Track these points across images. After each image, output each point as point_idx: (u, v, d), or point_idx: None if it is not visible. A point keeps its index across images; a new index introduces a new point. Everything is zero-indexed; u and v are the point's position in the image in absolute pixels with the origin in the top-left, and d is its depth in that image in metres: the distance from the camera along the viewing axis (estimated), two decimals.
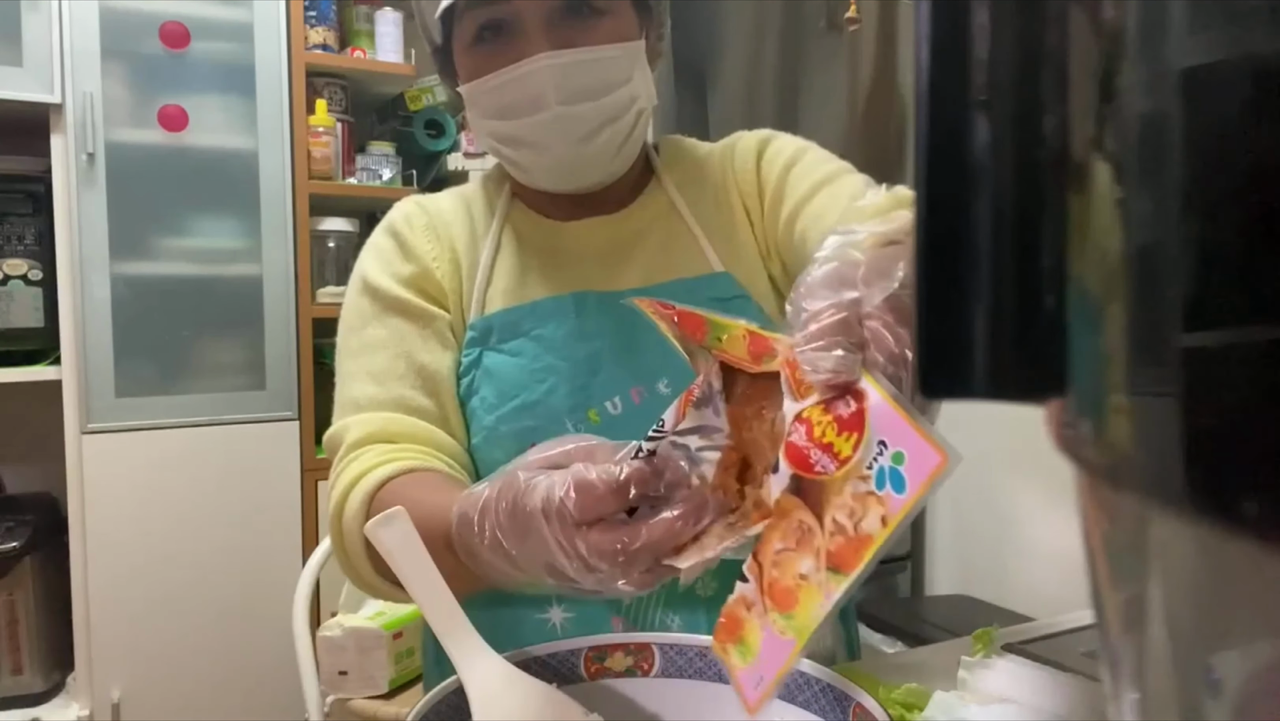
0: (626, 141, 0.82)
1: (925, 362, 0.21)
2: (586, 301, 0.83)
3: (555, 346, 0.81)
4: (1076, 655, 0.87)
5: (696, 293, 0.83)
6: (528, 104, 0.77)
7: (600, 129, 0.79)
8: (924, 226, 0.20)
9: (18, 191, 1.91)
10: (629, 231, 0.87)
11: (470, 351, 0.82)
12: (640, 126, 0.83)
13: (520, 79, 0.76)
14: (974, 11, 0.20)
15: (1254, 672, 0.17)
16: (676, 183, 0.90)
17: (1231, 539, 0.16)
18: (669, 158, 0.92)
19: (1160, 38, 0.17)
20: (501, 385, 0.80)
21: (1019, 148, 0.20)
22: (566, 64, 0.76)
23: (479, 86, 0.79)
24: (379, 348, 0.82)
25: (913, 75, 0.20)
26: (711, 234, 0.87)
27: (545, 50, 0.75)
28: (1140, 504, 0.18)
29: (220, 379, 2.05)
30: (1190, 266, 0.16)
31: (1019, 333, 0.20)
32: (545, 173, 0.82)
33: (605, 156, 0.81)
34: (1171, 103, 0.16)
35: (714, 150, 0.92)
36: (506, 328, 0.82)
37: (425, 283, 0.84)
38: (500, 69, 0.77)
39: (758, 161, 0.88)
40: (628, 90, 0.79)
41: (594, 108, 0.77)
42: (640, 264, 0.85)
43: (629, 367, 0.80)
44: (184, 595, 1.99)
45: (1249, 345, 0.16)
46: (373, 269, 0.85)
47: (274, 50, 2.07)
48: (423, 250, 0.85)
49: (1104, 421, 0.19)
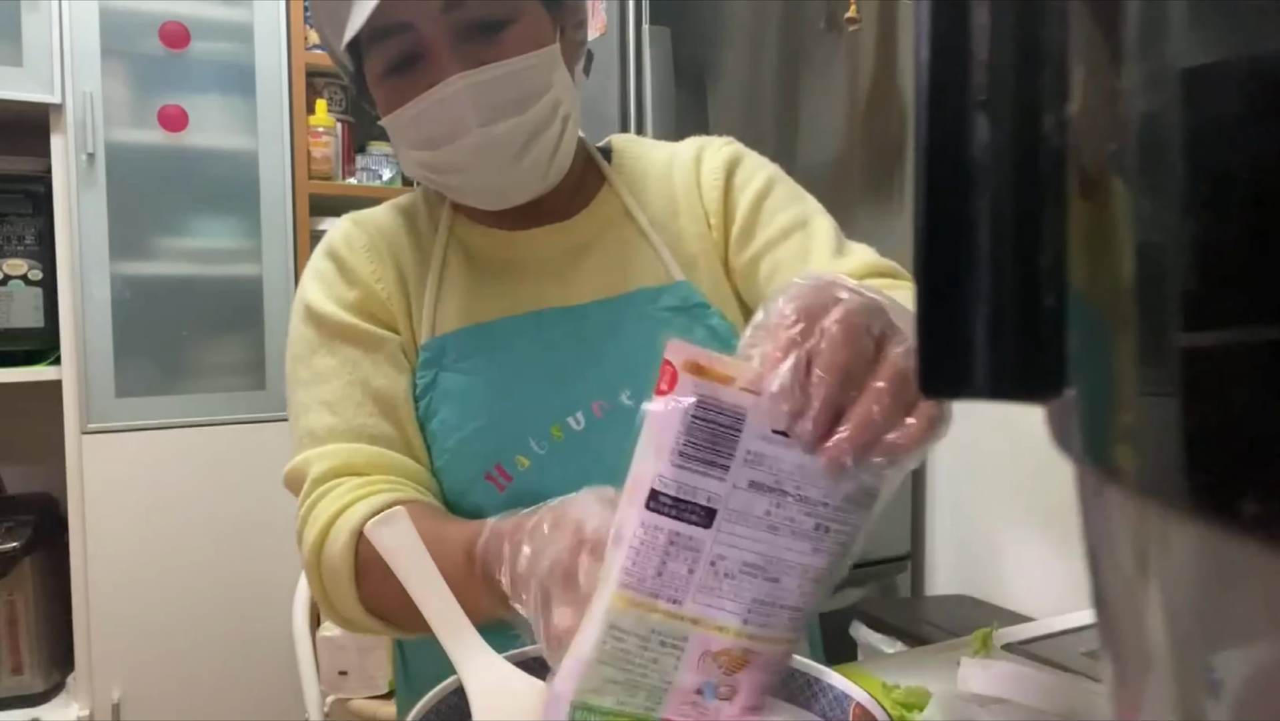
0: (557, 151, 0.79)
1: (925, 362, 0.21)
2: (544, 319, 0.81)
3: (514, 365, 0.79)
4: (1076, 655, 0.87)
5: (657, 302, 0.82)
6: (448, 130, 0.74)
7: (527, 145, 0.76)
8: (924, 226, 0.20)
9: (18, 191, 1.91)
10: (581, 240, 0.84)
11: (425, 373, 0.80)
12: (570, 132, 0.80)
13: (436, 105, 0.73)
14: (974, 11, 0.20)
15: (1254, 672, 0.17)
16: (629, 185, 0.87)
17: (1231, 539, 0.16)
18: (621, 159, 0.90)
19: (1160, 38, 0.17)
20: (462, 406, 0.78)
21: (1019, 148, 0.20)
22: (480, 82, 0.72)
23: (397, 118, 0.76)
24: (330, 376, 0.79)
25: (913, 75, 0.20)
26: (669, 240, 0.84)
27: (457, 71, 0.72)
28: (1140, 503, 0.18)
29: (220, 379, 2.05)
30: (1190, 266, 0.16)
31: (1019, 333, 0.20)
32: (480, 195, 0.80)
33: (538, 171, 0.78)
34: (1171, 103, 0.16)
35: (675, 152, 0.90)
36: (463, 347, 0.80)
37: (371, 305, 0.81)
38: (414, 98, 0.74)
39: (726, 181, 0.86)
40: (549, 98, 0.76)
41: (517, 124, 0.74)
42: (596, 274, 0.83)
43: (590, 381, 0.79)
44: (184, 595, 1.99)
45: (1249, 345, 0.16)
46: (315, 295, 0.82)
47: (274, 50, 2.07)
48: (364, 272, 0.82)
49: (1104, 421, 0.19)
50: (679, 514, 0.42)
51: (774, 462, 0.43)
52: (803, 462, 0.43)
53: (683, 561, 0.43)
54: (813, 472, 0.43)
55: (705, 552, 0.43)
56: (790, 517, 0.43)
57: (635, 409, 0.79)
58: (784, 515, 0.43)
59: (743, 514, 0.43)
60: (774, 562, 0.44)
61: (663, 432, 0.42)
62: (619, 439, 0.78)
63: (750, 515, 0.43)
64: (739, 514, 0.43)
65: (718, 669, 0.45)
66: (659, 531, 0.43)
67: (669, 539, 0.43)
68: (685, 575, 0.43)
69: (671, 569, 0.43)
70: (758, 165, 0.88)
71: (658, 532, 0.43)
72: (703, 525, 0.43)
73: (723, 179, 0.86)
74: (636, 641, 0.44)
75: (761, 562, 0.43)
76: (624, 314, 0.81)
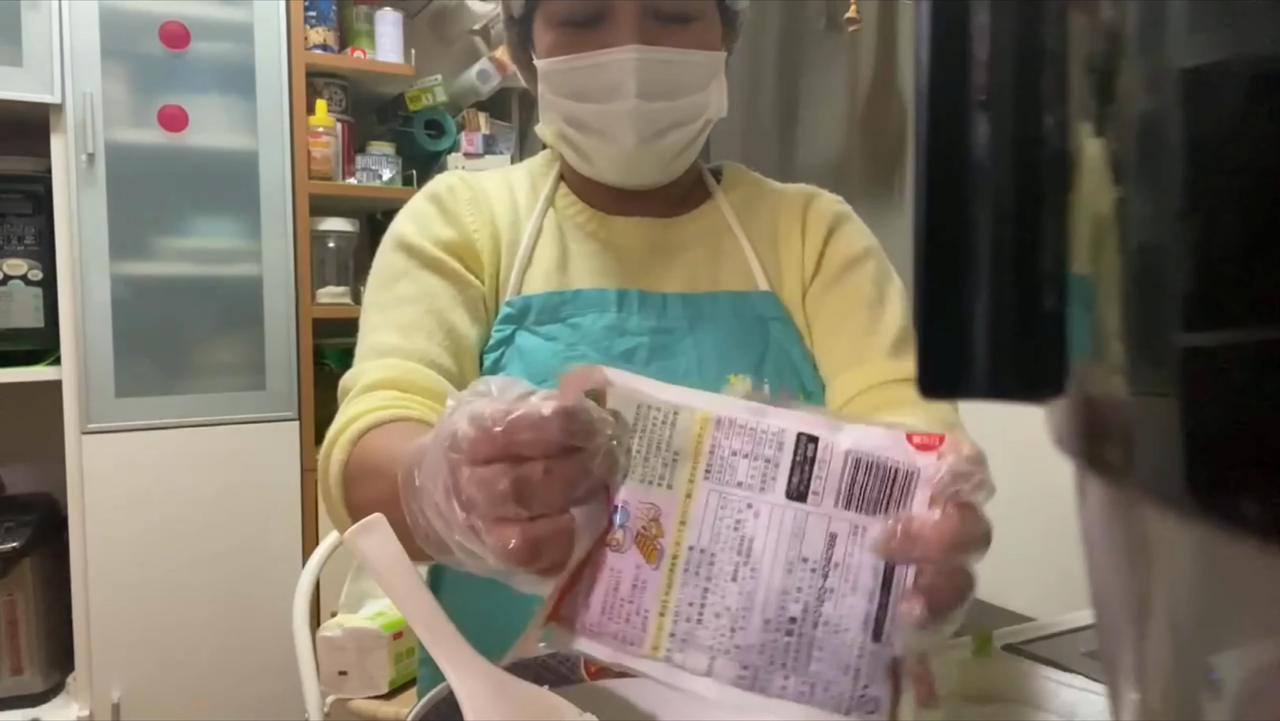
0: (689, 147, 0.83)
1: (925, 362, 0.21)
2: (629, 298, 0.83)
3: (592, 337, 0.81)
4: (1076, 655, 0.87)
5: (741, 306, 0.84)
6: (606, 91, 0.78)
7: (669, 130, 0.80)
8: (924, 226, 0.20)
9: (18, 191, 1.91)
10: (675, 238, 0.88)
11: (503, 328, 0.81)
12: (703, 136, 0.84)
13: (605, 65, 0.77)
14: (974, 11, 0.20)
15: (1254, 672, 0.17)
16: (735, 203, 0.90)
17: (1231, 539, 0.16)
18: (732, 180, 0.93)
19: (1160, 38, 0.17)
20: (532, 366, 0.79)
21: (1019, 148, 0.20)
22: (654, 60, 0.77)
23: (559, 64, 0.79)
24: (409, 302, 0.79)
25: (913, 75, 0.20)
26: (762, 255, 0.87)
27: (636, 43, 0.76)
28: (1140, 504, 0.18)
29: (220, 379, 2.05)
30: (1190, 266, 0.16)
31: (1019, 333, 0.20)
32: (609, 163, 0.83)
33: (667, 157, 0.82)
34: (1171, 103, 0.16)
35: (786, 191, 0.93)
36: (545, 310, 0.82)
37: (463, 251, 0.83)
38: (585, 52, 0.78)
39: (829, 232, 0.88)
40: (702, 97, 0.81)
41: (668, 108, 0.79)
42: (685, 270, 0.86)
43: (664, 369, 0.80)
44: (184, 595, 1.99)
45: (1249, 345, 0.16)
46: (409, 229, 0.83)
47: (274, 50, 2.07)
48: (465, 219, 0.84)
49: (1104, 421, 0.19)
50: (798, 464, 0.44)
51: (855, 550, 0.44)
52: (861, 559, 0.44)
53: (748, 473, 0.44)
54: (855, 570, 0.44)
55: (758, 499, 0.44)
56: (800, 586, 0.44)
57: None
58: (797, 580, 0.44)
59: (799, 535, 0.44)
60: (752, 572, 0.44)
61: (867, 440, 0.44)
62: None
63: (800, 543, 0.44)
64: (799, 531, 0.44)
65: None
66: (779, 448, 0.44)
67: (770, 456, 0.44)
68: (733, 482, 0.44)
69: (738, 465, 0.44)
70: (862, 232, 0.90)
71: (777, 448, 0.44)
72: (787, 493, 0.44)
73: (826, 229, 0.88)
74: (665, 440, 0.45)
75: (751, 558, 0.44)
76: (706, 311, 0.84)
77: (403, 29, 2.31)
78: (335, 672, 1.51)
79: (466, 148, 2.35)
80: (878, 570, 0.43)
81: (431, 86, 2.32)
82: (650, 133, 0.79)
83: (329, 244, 2.20)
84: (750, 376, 0.80)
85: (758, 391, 0.52)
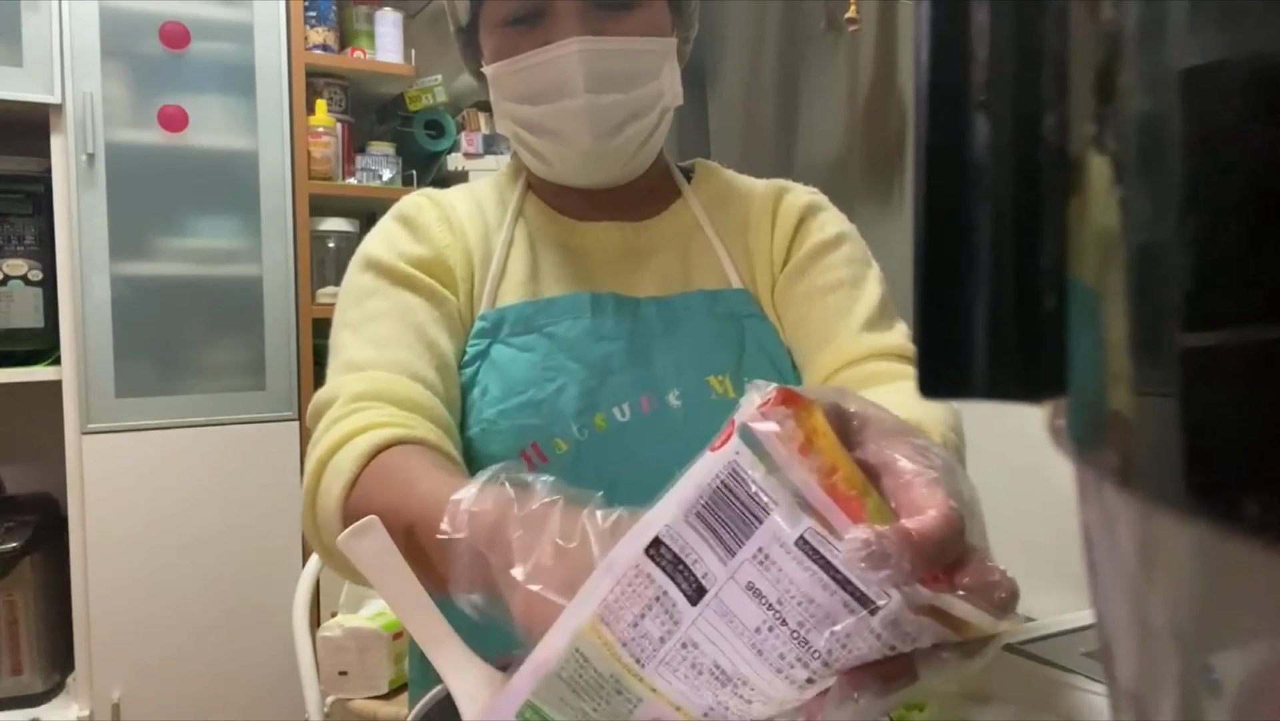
0: (649, 139, 0.81)
1: (925, 362, 0.21)
2: (604, 302, 0.81)
3: (568, 345, 0.79)
4: (1076, 655, 0.87)
5: (715, 305, 0.83)
6: (555, 89, 0.76)
7: (625, 123, 0.78)
8: (924, 226, 0.20)
9: (18, 191, 1.91)
10: (645, 241, 0.86)
11: (478, 342, 0.80)
12: (663, 126, 0.82)
13: (550, 63, 0.75)
14: (974, 11, 0.20)
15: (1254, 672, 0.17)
16: (705, 201, 0.89)
17: (1231, 539, 0.16)
18: (703, 178, 0.92)
19: (1160, 38, 0.17)
20: (508, 379, 0.78)
21: (1019, 148, 0.20)
22: (599, 51, 0.75)
23: (506, 68, 0.78)
24: (382, 317, 0.76)
25: (913, 75, 0.20)
26: (734, 252, 0.86)
27: (579, 34, 0.74)
28: (1140, 503, 0.18)
29: (220, 379, 2.05)
30: (1190, 266, 0.16)
31: (1019, 332, 0.20)
32: (567, 164, 0.81)
33: (627, 152, 0.80)
34: (1171, 103, 0.16)
35: (756, 187, 0.91)
36: (519, 321, 0.80)
37: (436, 267, 0.81)
38: (529, 51, 0.76)
39: (799, 221, 0.87)
40: (655, 86, 0.79)
41: (622, 100, 0.76)
42: (657, 272, 0.84)
43: (642, 375, 0.78)
44: (184, 595, 1.99)
45: (1249, 345, 0.16)
46: (379, 249, 0.81)
47: (274, 50, 2.07)
48: (436, 235, 0.82)
49: (1103, 421, 0.19)
50: (673, 574, 0.39)
51: (782, 579, 0.37)
52: (814, 596, 0.37)
53: (659, 625, 0.39)
54: (820, 617, 0.37)
55: (682, 629, 0.39)
56: (781, 653, 0.38)
57: (683, 411, 0.77)
58: (774, 645, 0.38)
59: (730, 614, 0.38)
60: (746, 684, 0.39)
61: (689, 485, 0.39)
62: (660, 440, 0.77)
63: (738, 620, 0.38)
64: (727, 611, 0.38)
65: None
66: (650, 582, 0.39)
67: (655, 594, 0.39)
68: (656, 641, 0.39)
69: (646, 626, 0.39)
70: (834, 219, 0.88)
71: (648, 583, 0.39)
72: (690, 599, 0.39)
73: (796, 219, 0.87)
74: (594, 676, 0.41)
75: (734, 677, 0.39)
76: (680, 314, 0.82)
77: (403, 29, 2.31)
78: (335, 672, 1.51)
79: (466, 148, 2.35)
80: (815, 572, 0.37)
81: (431, 86, 2.32)
82: (605, 128, 0.77)
83: (329, 244, 2.20)
84: (729, 376, 0.79)
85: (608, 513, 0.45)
